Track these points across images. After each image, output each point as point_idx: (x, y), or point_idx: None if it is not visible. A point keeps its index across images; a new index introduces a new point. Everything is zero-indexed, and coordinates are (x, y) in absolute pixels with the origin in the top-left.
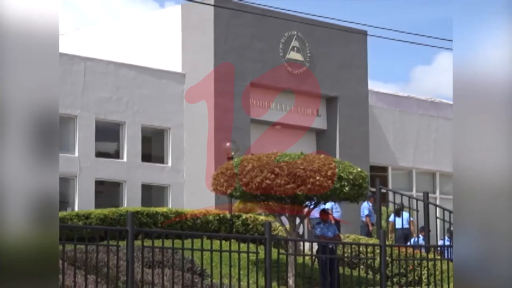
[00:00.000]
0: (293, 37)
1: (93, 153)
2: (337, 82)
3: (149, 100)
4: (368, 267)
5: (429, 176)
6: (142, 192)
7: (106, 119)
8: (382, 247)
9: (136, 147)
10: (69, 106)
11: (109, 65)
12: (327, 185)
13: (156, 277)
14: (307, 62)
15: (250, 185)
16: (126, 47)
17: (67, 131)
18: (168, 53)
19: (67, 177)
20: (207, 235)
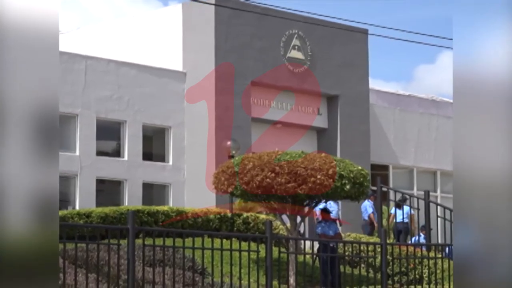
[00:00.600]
0: (294, 36)
1: (94, 151)
2: (338, 81)
3: (150, 99)
4: (369, 265)
5: (430, 174)
6: (143, 190)
7: (107, 117)
8: (383, 246)
9: (137, 146)
10: (70, 105)
11: (110, 63)
12: (328, 183)
13: (157, 276)
14: (308, 61)
15: (251, 184)
16: (127, 46)
17: (68, 129)
18: (169, 51)
19: (68, 176)
20: (208, 234)
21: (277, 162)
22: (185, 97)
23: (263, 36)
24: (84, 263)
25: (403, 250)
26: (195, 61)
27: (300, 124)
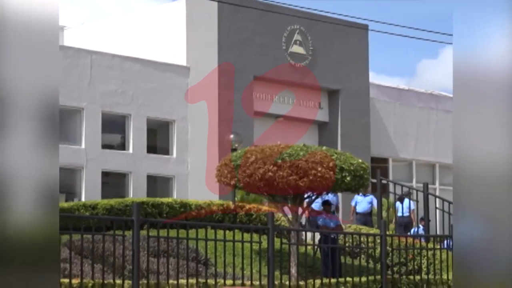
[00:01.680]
0: (296, 31)
1: (99, 145)
2: (339, 76)
3: (154, 93)
4: (369, 256)
5: (429, 167)
6: (147, 183)
7: (112, 111)
8: (383, 237)
9: (142, 139)
10: (75, 99)
11: (115, 58)
12: (329, 176)
13: (162, 266)
14: (309, 55)
15: (253, 176)
16: (132, 41)
17: (74, 123)
18: (173, 47)
19: (74, 168)
20: (211, 225)
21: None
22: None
23: (265, 31)
24: (90, 254)
25: (402, 241)
26: (199, 56)
27: (302, 117)
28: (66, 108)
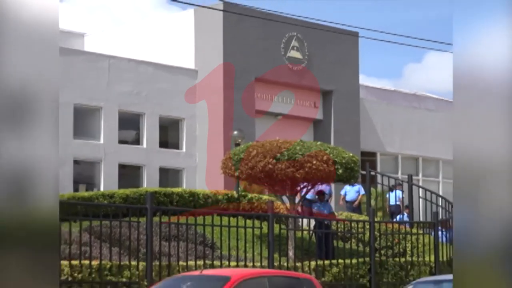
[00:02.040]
0: (293, 38)
1: (116, 140)
2: (332, 78)
3: (165, 94)
4: (359, 240)
5: (413, 160)
6: (159, 174)
7: (128, 110)
8: (371, 223)
9: (155, 135)
10: (95, 99)
11: (130, 62)
12: (323, 168)
13: (172, 249)
14: (305, 60)
15: (254, 169)
16: (145, 46)
17: (93, 121)
18: (182, 51)
19: (94, 162)
20: (217, 213)
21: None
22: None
23: (266, 37)
24: (108, 238)
25: (389, 227)
26: (206, 60)
27: (299, 116)
28: (86, 107)
